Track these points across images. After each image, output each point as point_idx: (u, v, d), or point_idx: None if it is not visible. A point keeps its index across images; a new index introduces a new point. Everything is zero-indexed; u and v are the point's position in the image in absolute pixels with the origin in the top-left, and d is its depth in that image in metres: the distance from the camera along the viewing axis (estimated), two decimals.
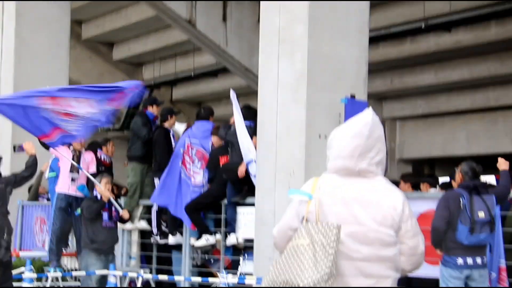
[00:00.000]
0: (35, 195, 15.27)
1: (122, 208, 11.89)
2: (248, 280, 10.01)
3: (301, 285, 3.93)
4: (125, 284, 12.43)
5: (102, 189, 11.52)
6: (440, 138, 20.48)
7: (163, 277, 11.70)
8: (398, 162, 21.34)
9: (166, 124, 13.24)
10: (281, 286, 4.02)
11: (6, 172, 11.16)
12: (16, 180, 9.49)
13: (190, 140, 12.43)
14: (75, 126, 10.61)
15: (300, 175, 10.37)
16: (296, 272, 3.99)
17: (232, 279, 9.83)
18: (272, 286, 4.07)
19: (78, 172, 12.93)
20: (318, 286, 3.92)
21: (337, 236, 4.04)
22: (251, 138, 11.31)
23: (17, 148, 10.72)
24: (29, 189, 15.40)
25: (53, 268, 12.48)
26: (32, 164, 9.52)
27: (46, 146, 12.12)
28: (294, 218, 4.30)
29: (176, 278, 11.76)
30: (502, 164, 9.21)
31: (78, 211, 11.99)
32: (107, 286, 11.09)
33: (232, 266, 11.82)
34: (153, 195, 12.64)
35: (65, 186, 12.84)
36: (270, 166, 10.83)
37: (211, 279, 10.59)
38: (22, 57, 16.24)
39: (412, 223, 4.31)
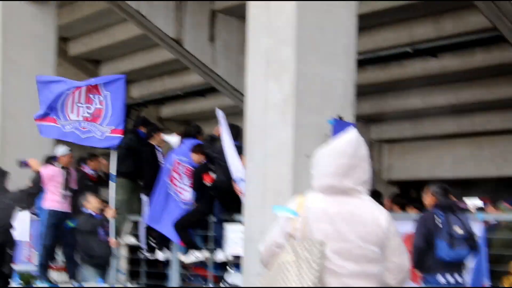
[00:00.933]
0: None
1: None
2: None
3: None
4: None
5: (111, 213, 11.96)
6: (427, 161, 20.66)
7: None
8: (386, 184, 21.50)
9: (153, 142, 13.36)
10: None
11: None
12: (23, 197, 9.46)
13: (178, 158, 12.54)
14: (77, 126, 11.48)
15: (288, 195, 10.47)
16: None
17: None
18: None
19: (69, 190, 13.08)
20: None
21: (322, 252, 4.13)
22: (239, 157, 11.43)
23: (22, 164, 10.76)
24: None
25: (40, 281, 12.55)
26: (39, 180, 9.48)
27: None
28: (280, 235, 4.39)
29: None
30: None
31: (69, 224, 12.08)
32: None
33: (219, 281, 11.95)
34: (148, 216, 12.72)
35: (57, 203, 12.91)
36: (258, 185, 10.95)
37: None
38: (8, 74, 16.31)
39: (398, 241, 4.41)
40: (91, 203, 11.80)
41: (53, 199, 12.84)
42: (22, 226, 12.68)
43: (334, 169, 4.36)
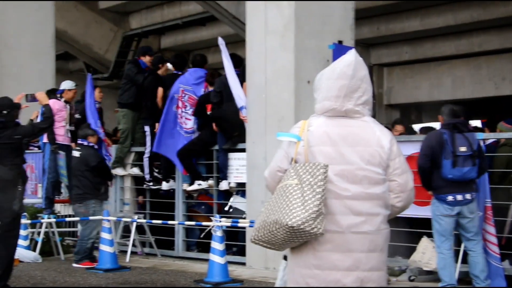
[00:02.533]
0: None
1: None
2: (242, 224, 10.22)
3: (289, 224, 4.04)
4: (119, 229, 12.70)
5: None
6: (426, 84, 20.70)
7: (156, 222, 11.91)
8: (386, 108, 21.57)
9: (158, 72, 13.34)
10: (271, 226, 4.14)
11: None
12: (34, 132, 9.38)
13: (183, 87, 12.56)
14: None
15: (290, 120, 10.56)
16: (284, 212, 4.09)
17: (225, 222, 10.01)
18: (263, 226, 4.19)
19: (73, 125, 13.20)
20: (306, 224, 4.03)
21: (325, 175, 4.13)
22: (241, 85, 11.46)
23: (29, 97, 10.53)
24: None
25: (47, 215, 12.70)
26: (50, 115, 9.40)
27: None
28: (284, 160, 4.38)
29: (170, 222, 12.00)
30: None
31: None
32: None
33: (222, 210, 12.08)
34: (155, 144, 12.78)
35: (60, 137, 12.99)
36: (260, 111, 11.02)
37: (204, 223, 10.79)
38: (6, 8, 16.15)
39: (401, 160, 4.40)
40: (94, 137, 11.89)
41: (57, 133, 12.91)
42: None
43: (335, 92, 4.34)
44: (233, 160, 11.89)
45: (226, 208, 12.03)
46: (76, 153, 11.86)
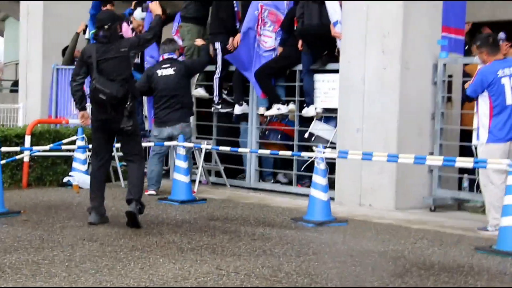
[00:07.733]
0: (70, 58, 14.06)
1: None
2: (351, 156, 8.71)
3: None
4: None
5: None
6: None
7: (225, 149, 10.58)
8: None
9: None
10: None
11: None
12: (140, 43, 8.56)
13: (263, 2, 11.19)
14: None
15: (397, 37, 9.34)
16: None
17: (330, 154, 8.62)
18: None
19: None
20: None
21: None
22: None
23: (144, 8, 10.84)
24: (63, 52, 14.21)
25: None
26: (156, 24, 8.54)
27: None
28: None
29: (241, 150, 10.72)
30: None
31: None
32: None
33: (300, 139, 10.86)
34: (232, 55, 11.42)
35: None
36: (359, 26, 9.76)
37: (304, 153, 9.38)
38: None
39: None
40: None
41: None
42: None
43: None
44: (320, 83, 10.59)
45: (306, 135, 10.77)
46: (168, 71, 10.72)
